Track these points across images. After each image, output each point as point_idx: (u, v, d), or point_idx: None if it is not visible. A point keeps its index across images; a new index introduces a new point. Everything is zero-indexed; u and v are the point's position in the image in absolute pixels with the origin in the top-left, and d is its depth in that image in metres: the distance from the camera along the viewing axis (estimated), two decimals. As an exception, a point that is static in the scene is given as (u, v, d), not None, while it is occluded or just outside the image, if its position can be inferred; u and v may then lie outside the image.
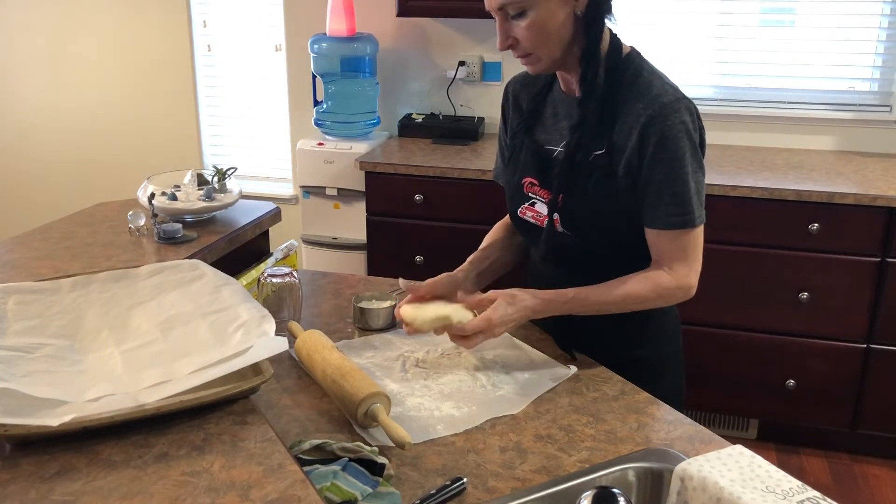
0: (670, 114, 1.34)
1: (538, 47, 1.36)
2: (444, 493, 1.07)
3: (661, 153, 1.34)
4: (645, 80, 1.38)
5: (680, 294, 1.42)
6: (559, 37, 1.36)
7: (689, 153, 1.35)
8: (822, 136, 3.21)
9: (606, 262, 1.46)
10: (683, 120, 1.34)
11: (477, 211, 2.94)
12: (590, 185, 1.40)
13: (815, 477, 2.82)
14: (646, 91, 1.36)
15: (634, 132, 1.36)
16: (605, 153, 1.39)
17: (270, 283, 1.56)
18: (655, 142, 1.34)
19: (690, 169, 1.36)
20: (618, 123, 1.38)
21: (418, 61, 3.54)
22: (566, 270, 1.51)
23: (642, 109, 1.35)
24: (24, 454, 1.03)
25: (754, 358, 2.83)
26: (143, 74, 3.98)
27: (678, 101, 1.35)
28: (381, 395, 1.22)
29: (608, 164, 1.39)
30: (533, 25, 1.33)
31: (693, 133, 1.36)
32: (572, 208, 1.43)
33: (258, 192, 3.85)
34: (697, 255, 1.41)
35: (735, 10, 3.22)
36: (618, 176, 1.39)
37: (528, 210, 1.52)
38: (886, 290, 2.66)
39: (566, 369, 1.42)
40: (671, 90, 1.37)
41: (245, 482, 0.97)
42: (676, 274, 1.40)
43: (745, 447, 1.09)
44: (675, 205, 1.36)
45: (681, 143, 1.34)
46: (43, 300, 1.34)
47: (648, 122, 1.34)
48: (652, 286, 1.40)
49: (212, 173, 1.99)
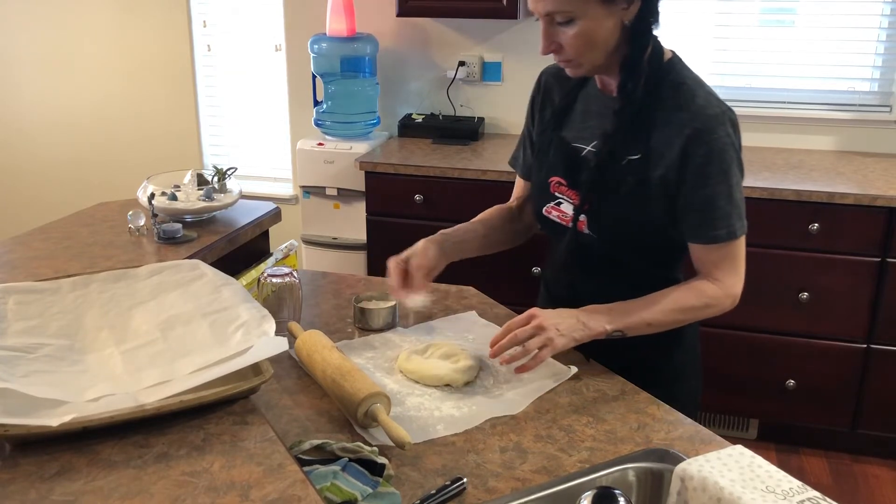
0: (716, 127, 1.32)
1: (582, 55, 1.34)
2: (444, 493, 1.07)
3: (708, 167, 1.32)
4: (688, 90, 1.35)
5: (727, 303, 1.40)
6: (605, 46, 1.33)
7: (734, 166, 1.34)
8: (822, 136, 3.21)
9: (629, 267, 1.45)
10: (728, 132, 1.33)
11: (477, 211, 2.91)
12: (622, 190, 1.38)
13: (815, 477, 2.82)
14: (689, 101, 1.34)
15: (677, 143, 1.33)
16: (640, 159, 1.37)
17: (270, 283, 1.56)
18: (702, 155, 1.32)
19: (734, 181, 1.35)
20: (656, 130, 1.36)
21: (418, 61, 3.54)
22: (587, 272, 1.49)
23: (687, 120, 1.32)
24: (24, 454, 1.02)
25: (754, 358, 2.83)
26: (143, 74, 3.98)
27: (723, 114, 1.33)
28: (381, 395, 1.22)
29: (643, 170, 1.37)
30: (581, 35, 1.31)
31: (737, 145, 1.35)
32: (600, 212, 1.41)
33: (258, 192, 3.85)
34: (742, 264, 1.40)
35: (735, 10, 3.22)
36: (652, 183, 1.36)
37: (553, 209, 1.50)
38: (886, 290, 2.66)
39: (566, 369, 1.42)
40: (715, 101, 1.34)
41: (245, 482, 0.97)
42: (723, 284, 1.39)
43: (745, 447, 1.09)
44: (721, 218, 1.35)
45: (727, 156, 1.33)
46: (43, 300, 1.34)
47: (694, 135, 1.32)
48: (699, 297, 1.39)
49: (212, 173, 1.99)
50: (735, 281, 1.40)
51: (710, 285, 1.39)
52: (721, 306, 1.41)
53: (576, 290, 1.50)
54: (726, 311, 1.42)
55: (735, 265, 1.40)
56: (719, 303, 1.40)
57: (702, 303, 1.39)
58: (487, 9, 3.04)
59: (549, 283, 1.65)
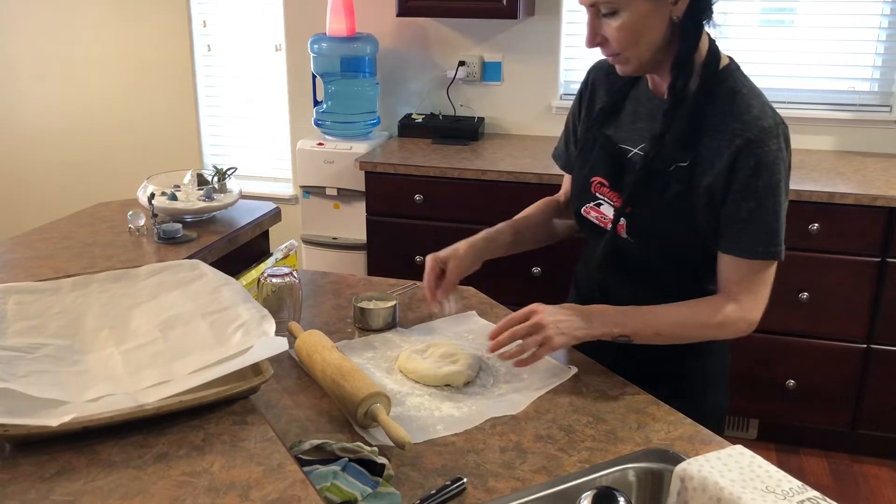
0: (769, 139, 1.27)
1: (627, 49, 1.30)
2: (444, 493, 1.07)
3: (756, 180, 1.28)
4: (743, 98, 1.31)
5: (743, 327, 1.35)
6: (650, 40, 1.29)
7: (783, 182, 1.30)
8: (822, 136, 3.21)
9: (664, 276, 1.42)
10: (781, 147, 1.28)
11: (477, 211, 2.94)
12: (666, 197, 1.34)
13: (815, 477, 2.82)
14: (744, 111, 1.29)
15: (726, 153, 1.29)
16: (687, 166, 1.32)
17: (270, 283, 1.56)
18: (752, 167, 1.27)
19: (782, 199, 1.30)
20: (706, 137, 1.31)
21: (418, 61, 3.54)
22: (621, 277, 1.46)
23: (739, 130, 1.28)
24: (24, 454, 1.02)
25: (754, 358, 2.83)
26: (143, 74, 3.98)
27: (777, 127, 1.28)
28: (381, 395, 1.22)
29: (689, 178, 1.32)
30: (624, 26, 1.27)
31: (787, 162, 1.31)
32: (641, 217, 1.37)
33: (258, 192, 3.85)
34: (767, 291, 1.36)
35: (735, 10, 3.22)
36: (697, 192, 1.32)
37: (592, 210, 1.46)
38: (886, 290, 2.66)
39: (567, 369, 1.42)
40: (771, 113, 1.29)
41: (245, 482, 0.97)
42: (743, 306, 1.34)
43: (745, 447, 1.09)
44: (764, 234, 1.30)
45: (777, 171, 1.28)
46: (43, 300, 1.34)
47: (745, 146, 1.27)
48: (714, 315, 1.34)
49: (212, 173, 1.99)
50: (755, 305, 1.35)
51: (730, 304, 1.34)
52: (736, 328, 1.36)
53: (608, 293, 1.47)
54: (741, 335, 1.37)
55: (759, 289, 1.34)
56: (735, 325, 1.35)
57: (716, 321, 1.34)
58: (487, 9, 3.04)
59: (581, 283, 1.61)
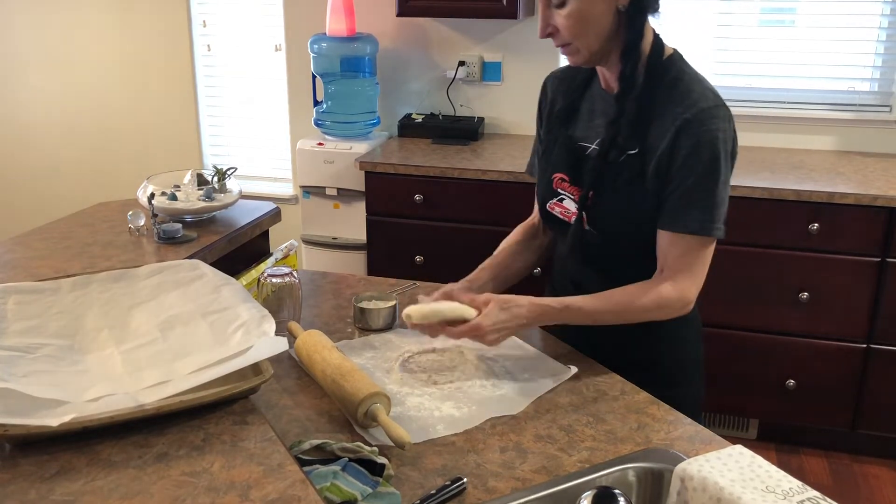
0: (708, 119, 1.31)
1: (577, 38, 1.35)
2: (444, 493, 1.07)
3: (694, 158, 1.31)
4: (685, 84, 1.35)
5: (678, 307, 1.38)
6: (598, 29, 1.34)
7: (722, 162, 1.33)
8: (822, 136, 3.21)
9: (632, 262, 1.45)
10: (720, 127, 1.32)
11: (477, 211, 2.94)
12: (619, 185, 1.39)
13: (815, 477, 2.82)
14: (685, 95, 1.34)
15: (668, 135, 1.33)
16: (637, 154, 1.37)
17: (270, 283, 1.56)
18: (690, 146, 1.31)
19: (721, 178, 1.33)
20: (653, 126, 1.36)
21: (418, 61, 3.54)
22: (591, 268, 1.50)
23: (679, 113, 1.32)
24: (24, 454, 1.02)
25: (754, 358, 2.83)
26: (143, 74, 3.98)
27: (717, 108, 1.32)
28: (381, 395, 1.22)
29: (639, 166, 1.37)
30: (572, 15, 1.32)
31: (728, 143, 1.34)
32: (600, 208, 1.42)
33: (258, 192, 3.85)
34: (704, 271, 1.38)
35: (735, 10, 3.23)
36: (647, 178, 1.37)
37: (556, 205, 1.51)
38: (886, 290, 2.66)
39: (567, 369, 1.42)
40: (712, 96, 1.34)
41: (245, 482, 0.97)
42: (680, 286, 1.37)
43: (745, 447, 1.09)
44: (699, 210, 1.33)
45: (715, 149, 1.31)
46: (43, 300, 1.34)
47: (684, 126, 1.31)
48: (652, 296, 1.37)
49: (212, 173, 1.99)
50: (691, 284, 1.37)
51: (666, 285, 1.37)
52: (672, 309, 1.39)
53: (579, 285, 1.51)
54: (676, 315, 1.39)
55: (696, 268, 1.37)
56: (671, 305, 1.38)
57: (652, 302, 1.37)
58: (487, 9, 3.04)
59: (556, 279, 1.65)
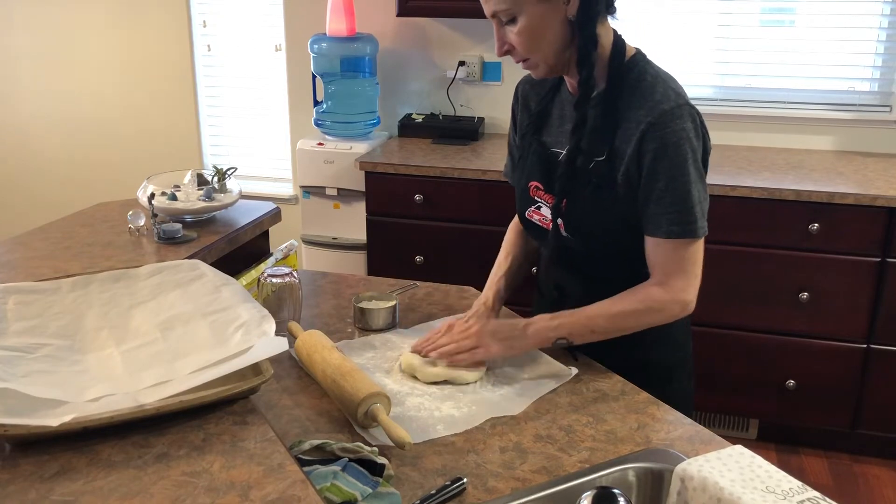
0: (671, 121, 1.30)
1: (532, 52, 1.36)
2: (444, 493, 1.07)
3: (661, 161, 1.31)
4: (648, 85, 1.34)
5: (676, 309, 1.37)
6: (550, 41, 1.34)
7: (690, 161, 1.31)
8: (822, 136, 3.21)
9: (611, 267, 1.45)
10: (684, 127, 1.31)
11: (477, 211, 2.94)
12: (589, 192, 1.39)
13: (815, 477, 2.82)
14: (648, 97, 1.33)
15: (633, 139, 1.32)
16: (605, 160, 1.37)
17: (270, 283, 1.56)
18: (655, 149, 1.31)
19: (692, 177, 1.32)
20: (620, 130, 1.35)
21: (418, 61, 3.54)
22: (572, 273, 1.51)
23: (643, 116, 1.32)
24: (24, 454, 1.02)
25: (754, 358, 2.83)
26: (143, 74, 3.98)
27: (680, 108, 1.31)
28: (381, 395, 1.22)
29: (608, 172, 1.36)
30: (523, 31, 1.33)
31: (695, 140, 1.32)
32: (574, 215, 1.42)
33: (258, 192, 3.85)
34: (696, 269, 1.37)
35: (735, 10, 3.22)
36: (617, 183, 1.36)
37: (534, 213, 1.51)
38: (886, 290, 2.66)
39: (567, 370, 1.42)
40: (674, 95, 1.33)
41: (245, 482, 0.97)
42: (672, 288, 1.35)
43: (745, 447, 1.09)
44: (677, 213, 1.32)
45: (681, 150, 1.30)
46: (43, 300, 1.34)
47: (648, 129, 1.31)
48: (643, 301, 1.36)
49: (212, 173, 1.99)
50: (685, 285, 1.36)
51: (656, 289, 1.36)
52: (669, 312, 1.37)
53: (562, 290, 1.53)
54: (677, 318, 1.39)
55: (687, 268, 1.36)
56: (666, 307, 1.37)
57: (645, 307, 1.36)
58: (487, 9, 3.04)
59: (541, 284, 1.66)
